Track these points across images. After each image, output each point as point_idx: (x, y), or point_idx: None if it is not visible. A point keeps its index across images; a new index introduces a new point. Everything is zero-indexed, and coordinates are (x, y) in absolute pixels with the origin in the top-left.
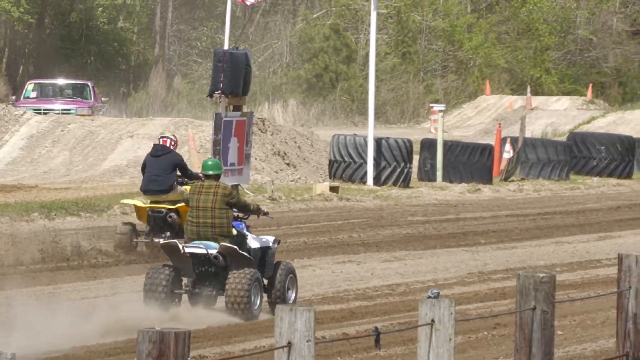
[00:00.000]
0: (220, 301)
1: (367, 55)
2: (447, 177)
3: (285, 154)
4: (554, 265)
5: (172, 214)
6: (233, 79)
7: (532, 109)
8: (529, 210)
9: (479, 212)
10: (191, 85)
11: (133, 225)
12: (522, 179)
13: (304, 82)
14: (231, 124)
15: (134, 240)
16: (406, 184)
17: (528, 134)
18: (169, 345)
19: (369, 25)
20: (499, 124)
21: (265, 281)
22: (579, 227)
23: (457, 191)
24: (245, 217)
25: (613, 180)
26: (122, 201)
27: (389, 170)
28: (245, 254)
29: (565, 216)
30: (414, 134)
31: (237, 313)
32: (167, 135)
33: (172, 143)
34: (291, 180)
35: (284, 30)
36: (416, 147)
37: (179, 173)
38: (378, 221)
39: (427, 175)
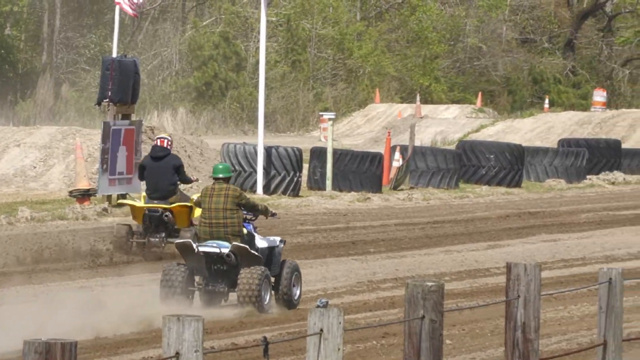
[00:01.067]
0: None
1: (257, 63)
2: (336, 186)
3: None
4: (442, 274)
5: (168, 213)
6: (121, 87)
7: (421, 118)
8: (419, 219)
9: (369, 221)
10: (79, 93)
11: (129, 226)
12: (412, 188)
13: (194, 90)
14: (120, 133)
15: (130, 240)
16: (296, 192)
17: (417, 143)
18: (56, 356)
19: (258, 33)
20: (389, 132)
21: (272, 279)
22: (468, 236)
23: (347, 200)
24: (253, 218)
25: (502, 189)
26: (119, 201)
27: (278, 179)
28: (255, 252)
29: (454, 225)
30: (304, 142)
31: (249, 306)
32: (163, 135)
33: (169, 143)
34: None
35: (173, 37)
36: (306, 156)
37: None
38: (270, 230)
39: (317, 184)
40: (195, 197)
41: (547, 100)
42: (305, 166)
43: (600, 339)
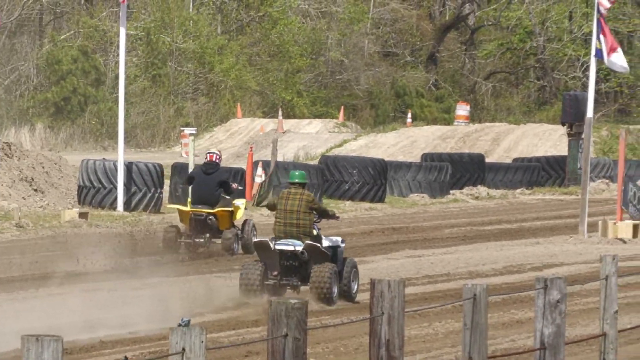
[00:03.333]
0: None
1: (116, 77)
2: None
3: (33, 180)
4: (306, 291)
5: (211, 217)
6: None
7: (283, 132)
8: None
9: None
10: None
11: (177, 227)
12: None
13: (52, 105)
14: None
15: (179, 240)
16: (157, 209)
17: (280, 158)
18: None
19: (117, 46)
20: (251, 147)
21: None
22: None
23: None
24: (318, 220)
25: (366, 204)
26: (168, 205)
27: (139, 195)
28: (325, 250)
29: None
30: (165, 158)
31: (321, 300)
32: (213, 150)
33: (218, 157)
34: (39, 207)
35: (31, 52)
36: (167, 172)
37: None
38: (131, 248)
39: (178, 200)
40: (236, 202)
41: (409, 115)
42: (167, 182)
43: (465, 356)
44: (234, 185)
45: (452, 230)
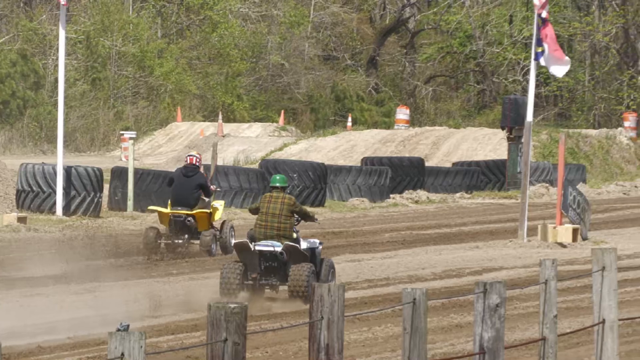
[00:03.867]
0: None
1: (55, 81)
2: (138, 207)
3: None
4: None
5: (190, 218)
6: None
7: (223, 136)
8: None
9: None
10: None
11: (157, 229)
12: None
13: None
14: None
15: (158, 241)
16: (97, 213)
17: (220, 162)
18: None
19: (57, 50)
20: None
21: None
22: None
23: (150, 220)
24: (296, 223)
25: (310, 208)
26: (149, 207)
27: (78, 199)
28: (303, 251)
29: None
30: (105, 162)
31: (299, 298)
32: (193, 153)
33: (198, 160)
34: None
35: None
36: (107, 176)
37: None
38: (69, 253)
39: (118, 204)
40: (215, 203)
41: (350, 118)
42: (106, 186)
43: None
44: (213, 187)
45: (392, 235)
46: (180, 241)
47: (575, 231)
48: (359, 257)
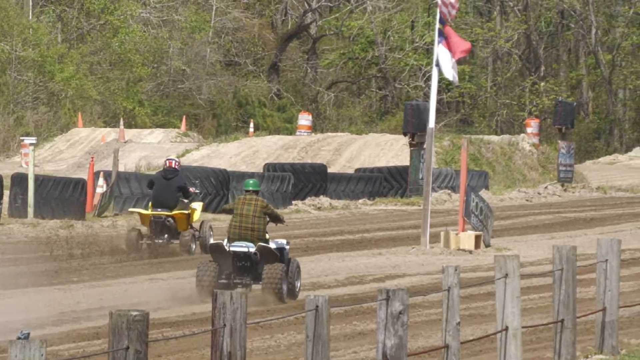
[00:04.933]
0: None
1: None
2: (38, 213)
3: None
4: (148, 302)
5: (170, 219)
6: None
7: (125, 142)
8: (123, 246)
9: (72, 250)
10: None
11: (139, 230)
12: (116, 215)
13: None
14: None
15: (140, 241)
16: None
17: (121, 168)
18: None
19: None
20: (92, 157)
21: None
22: (173, 264)
23: (49, 227)
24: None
25: (208, 215)
26: (130, 209)
27: None
28: (274, 251)
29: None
30: (5, 168)
31: (273, 296)
32: (172, 157)
33: (177, 164)
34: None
35: None
36: (7, 182)
37: None
38: None
39: (18, 211)
40: (193, 205)
41: (252, 124)
42: (7, 193)
43: None
44: (192, 189)
45: (295, 242)
46: (160, 241)
47: (477, 238)
48: None
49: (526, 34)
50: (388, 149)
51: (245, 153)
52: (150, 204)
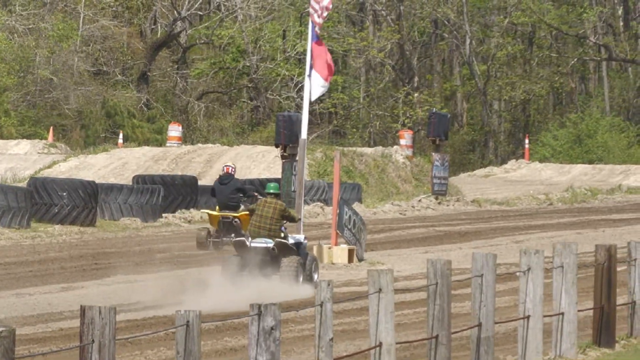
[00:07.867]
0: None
1: None
2: None
3: None
4: (14, 318)
5: (237, 220)
6: None
7: None
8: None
9: None
10: None
11: (208, 229)
12: None
13: None
14: None
15: (209, 239)
16: None
17: None
18: None
19: None
20: None
21: None
22: (40, 278)
23: None
24: (284, 222)
25: (76, 228)
26: (202, 210)
27: None
28: (291, 246)
29: (25, 266)
30: None
31: (290, 284)
32: (229, 163)
33: (233, 169)
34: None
35: None
36: None
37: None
38: None
39: None
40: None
41: (121, 135)
42: None
43: None
44: (253, 192)
45: (165, 255)
46: (228, 239)
47: (351, 252)
48: (131, 278)
49: (399, 44)
50: (260, 161)
51: (114, 165)
52: (217, 207)
